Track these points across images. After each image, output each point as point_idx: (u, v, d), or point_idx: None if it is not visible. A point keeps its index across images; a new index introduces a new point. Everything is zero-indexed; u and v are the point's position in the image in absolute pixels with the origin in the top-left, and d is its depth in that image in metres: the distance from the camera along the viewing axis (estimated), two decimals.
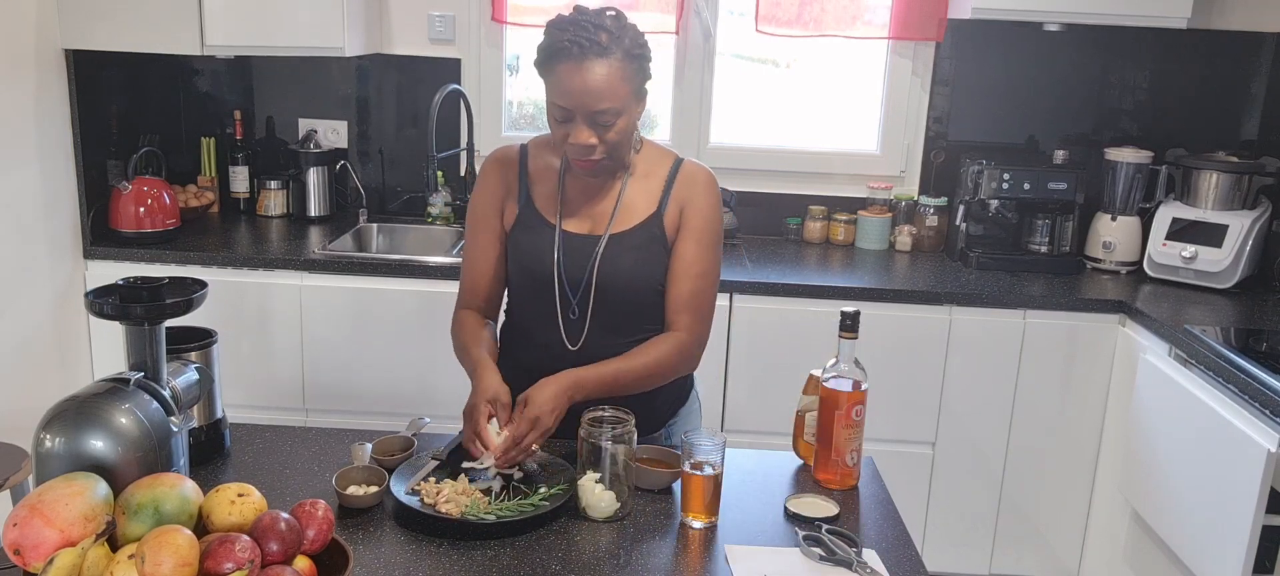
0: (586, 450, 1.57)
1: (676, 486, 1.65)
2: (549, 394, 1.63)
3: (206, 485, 1.38)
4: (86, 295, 1.46)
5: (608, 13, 1.65)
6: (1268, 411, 2.17)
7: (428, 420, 1.86)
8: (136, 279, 1.45)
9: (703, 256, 1.77)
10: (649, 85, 1.72)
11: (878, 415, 2.74)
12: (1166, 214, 3.06)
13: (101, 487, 1.25)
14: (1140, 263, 3.12)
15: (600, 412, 1.59)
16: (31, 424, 1.36)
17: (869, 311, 2.77)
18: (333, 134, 3.42)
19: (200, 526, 1.28)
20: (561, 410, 1.64)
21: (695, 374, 1.92)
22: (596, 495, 1.55)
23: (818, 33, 3.25)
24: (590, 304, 1.76)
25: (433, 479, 1.61)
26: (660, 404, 1.86)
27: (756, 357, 2.87)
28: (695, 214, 1.77)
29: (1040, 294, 2.86)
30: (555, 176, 1.81)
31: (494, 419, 1.63)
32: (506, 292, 1.89)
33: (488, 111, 3.39)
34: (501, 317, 1.93)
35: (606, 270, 1.75)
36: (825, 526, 1.54)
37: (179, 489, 1.27)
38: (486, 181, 1.84)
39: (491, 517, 1.50)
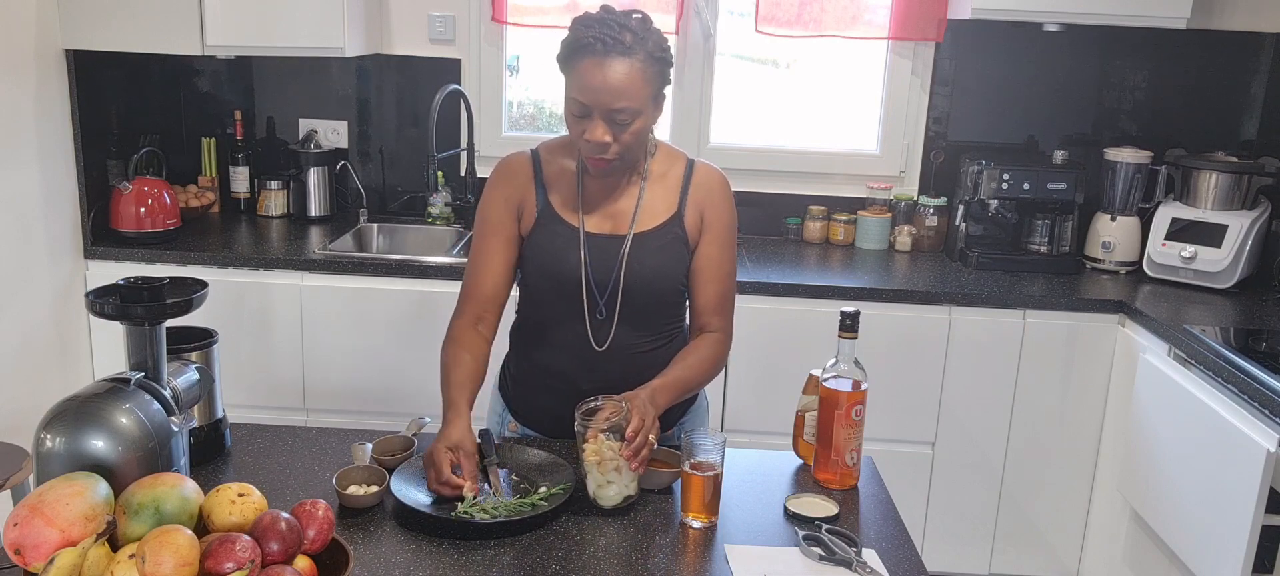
0: (582, 440, 1.58)
1: (676, 486, 1.65)
2: (645, 399, 1.63)
3: (207, 485, 1.38)
4: (87, 295, 1.46)
5: (633, 15, 1.67)
6: (1267, 411, 2.17)
7: (428, 420, 1.86)
8: (137, 279, 1.46)
9: (727, 259, 1.83)
10: (667, 90, 1.73)
11: (877, 415, 2.74)
12: (1166, 214, 3.06)
13: (102, 487, 1.25)
14: (1140, 263, 3.12)
15: (595, 403, 1.60)
16: (32, 424, 1.36)
17: (869, 311, 2.77)
18: (333, 134, 3.42)
19: (201, 526, 1.28)
20: (657, 415, 1.65)
21: None
22: (609, 477, 1.55)
23: (818, 33, 3.25)
24: (618, 303, 1.78)
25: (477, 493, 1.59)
26: (672, 406, 1.86)
27: (756, 357, 2.87)
28: (717, 218, 1.81)
29: (1040, 294, 2.86)
30: (572, 178, 1.81)
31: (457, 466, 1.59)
32: (520, 295, 1.89)
33: (488, 112, 3.39)
34: (513, 318, 1.93)
35: (633, 269, 1.77)
36: (825, 526, 1.54)
37: (179, 488, 1.27)
38: (499, 186, 1.83)
39: (492, 518, 1.50)
